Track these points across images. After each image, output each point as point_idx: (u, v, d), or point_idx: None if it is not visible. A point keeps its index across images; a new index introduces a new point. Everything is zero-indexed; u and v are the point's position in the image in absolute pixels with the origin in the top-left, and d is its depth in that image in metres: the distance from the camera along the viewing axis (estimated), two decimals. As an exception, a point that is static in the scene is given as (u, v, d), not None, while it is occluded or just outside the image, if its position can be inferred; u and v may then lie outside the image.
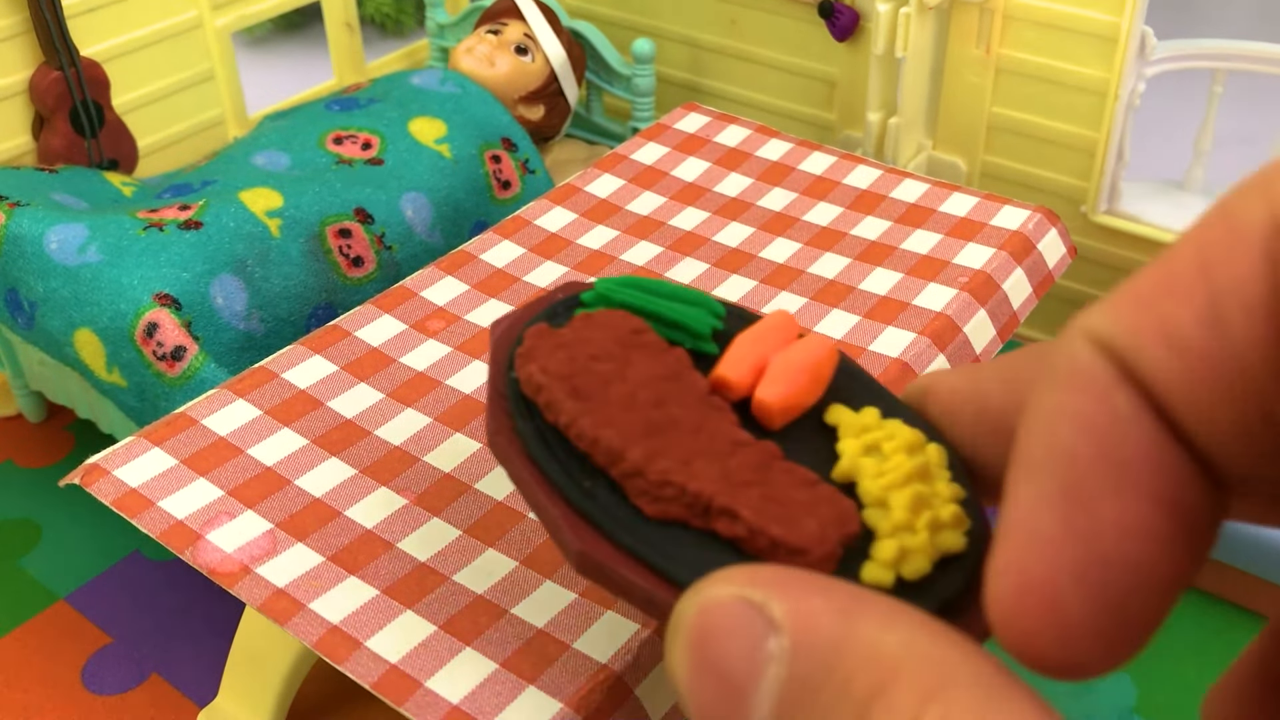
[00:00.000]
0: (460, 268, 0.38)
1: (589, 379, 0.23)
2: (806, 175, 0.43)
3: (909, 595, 0.20)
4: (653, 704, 0.26)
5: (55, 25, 0.47)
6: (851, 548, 0.21)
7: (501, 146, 0.51)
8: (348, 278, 0.45)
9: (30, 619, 0.42)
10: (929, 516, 0.21)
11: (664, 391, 0.24)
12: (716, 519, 0.22)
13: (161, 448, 0.31)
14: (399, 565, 0.28)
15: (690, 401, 0.24)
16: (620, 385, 0.24)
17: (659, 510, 0.22)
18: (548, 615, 0.27)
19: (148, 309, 0.40)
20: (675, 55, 0.60)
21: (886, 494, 0.22)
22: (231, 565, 0.28)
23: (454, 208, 0.49)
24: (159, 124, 0.54)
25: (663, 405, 0.23)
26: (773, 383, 0.24)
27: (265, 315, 0.42)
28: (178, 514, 0.30)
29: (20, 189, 0.44)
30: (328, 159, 0.48)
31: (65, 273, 0.40)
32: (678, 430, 0.23)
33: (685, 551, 0.21)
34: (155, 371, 0.40)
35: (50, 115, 0.49)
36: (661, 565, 0.21)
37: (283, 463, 0.31)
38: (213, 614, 0.41)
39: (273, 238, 0.43)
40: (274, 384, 0.34)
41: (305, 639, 0.26)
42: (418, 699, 0.25)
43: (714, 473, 0.22)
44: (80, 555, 0.44)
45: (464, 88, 0.52)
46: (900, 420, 0.23)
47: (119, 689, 0.39)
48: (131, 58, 0.52)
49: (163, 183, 0.48)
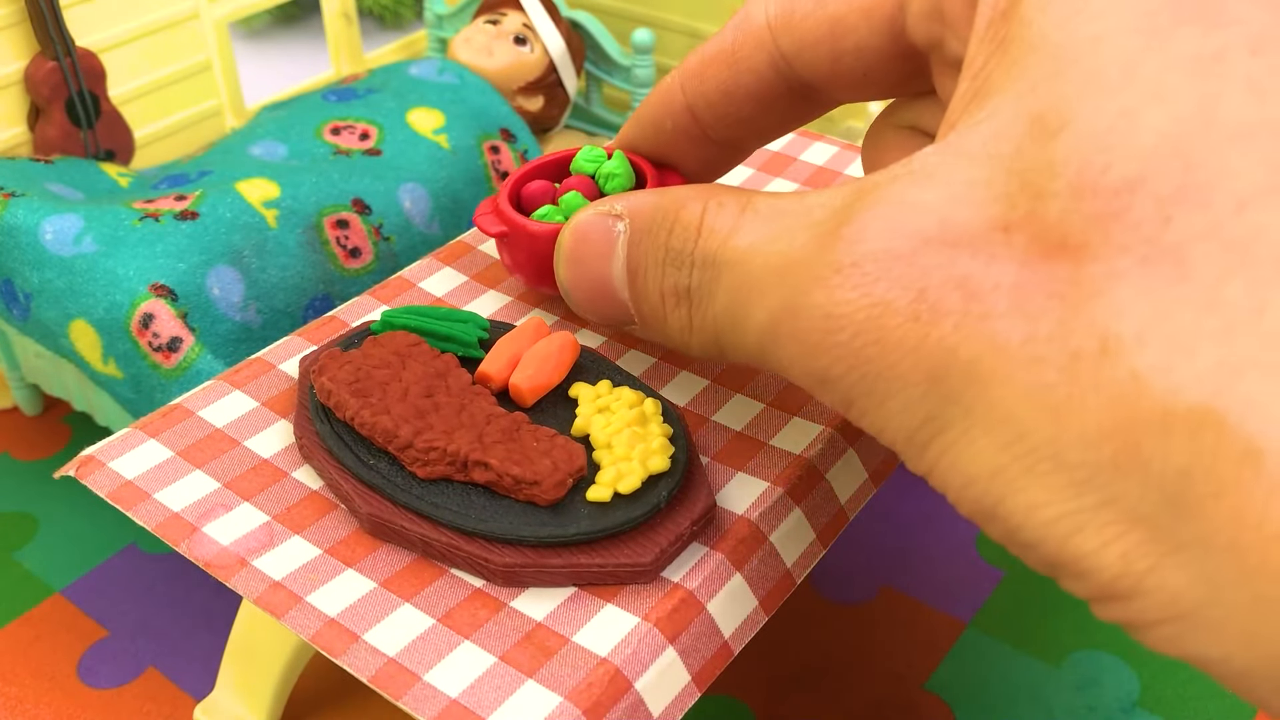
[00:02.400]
0: (459, 258, 0.38)
1: (369, 382, 0.30)
2: (808, 165, 0.43)
3: (626, 506, 0.27)
4: (653, 698, 0.26)
5: (51, 15, 0.47)
6: (585, 480, 0.28)
7: (500, 137, 0.51)
8: (345, 269, 0.45)
9: (25, 612, 0.41)
10: (641, 449, 0.28)
11: (433, 386, 0.30)
12: (473, 470, 0.28)
13: (157, 439, 0.31)
14: (397, 558, 0.28)
15: (456, 391, 0.30)
16: (396, 384, 0.30)
17: (428, 472, 0.28)
18: (547, 608, 0.27)
19: (143, 300, 0.39)
20: (675, 45, 0.60)
21: (610, 438, 0.29)
22: (228, 558, 0.28)
23: (452, 198, 0.48)
24: (156, 115, 0.53)
25: (431, 395, 0.30)
26: (522, 370, 0.31)
27: (262, 306, 0.42)
28: (173, 506, 0.29)
29: (15, 179, 0.43)
30: (325, 149, 0.48)
31: (60, 263, 0.40)
32: (442, 412, 0.29)
33: (450, 500, 0.28)
34: (151, 363, 0.39)
35: (46, 106, 0.48)
36: (431, 512, 0.27)
37: (280, 455, 0.31)
38: (210, 607, 0.41)
39: (270, 228, 0.43)
40: (271, 375, 0.33)
41: (302, 632, 0.26)
42: (416, 692, 0.25)
43: (470, 437, 0.28)
44: (76, 548, 0.44)
45: (462, 78, 0.52)
46: (627, 387, 0.31)
47: (115, 683, 0.39)
48: (128, 48, 0.51)
49: (159, 173, 0.48)
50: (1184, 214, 0.18)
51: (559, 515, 0.27)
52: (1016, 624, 0.40)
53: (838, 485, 0.31)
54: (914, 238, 0.20)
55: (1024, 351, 0.19)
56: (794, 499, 0.30)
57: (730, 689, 0.38)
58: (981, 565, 0.42)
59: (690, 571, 0.28)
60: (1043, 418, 0.19)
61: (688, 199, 0.26)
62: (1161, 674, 0.38)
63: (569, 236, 0.29)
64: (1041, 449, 0.19)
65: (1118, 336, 0.18)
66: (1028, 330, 0.19)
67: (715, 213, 0.25)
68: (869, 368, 0.21)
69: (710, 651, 0.27)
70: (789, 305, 0.22)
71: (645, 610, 0.26)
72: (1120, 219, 0.18)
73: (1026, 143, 0.20)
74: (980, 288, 0.20)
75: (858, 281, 0.21)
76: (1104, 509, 0.18)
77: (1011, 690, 0.38)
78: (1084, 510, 0.18)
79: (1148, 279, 0.18)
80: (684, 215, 0.26)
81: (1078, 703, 0.38)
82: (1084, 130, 0.19)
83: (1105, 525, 0.18)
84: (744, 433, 0.31)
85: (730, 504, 0.29)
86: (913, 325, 0.20)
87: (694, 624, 0.27)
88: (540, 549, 0.27)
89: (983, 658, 0.39)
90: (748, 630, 0.28)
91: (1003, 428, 0.19)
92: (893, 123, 0.30)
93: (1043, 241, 0.19)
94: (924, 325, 0.20)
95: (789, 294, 0.22)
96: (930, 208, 0.20)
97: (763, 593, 0.28)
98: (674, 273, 0.26)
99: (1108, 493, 0.18)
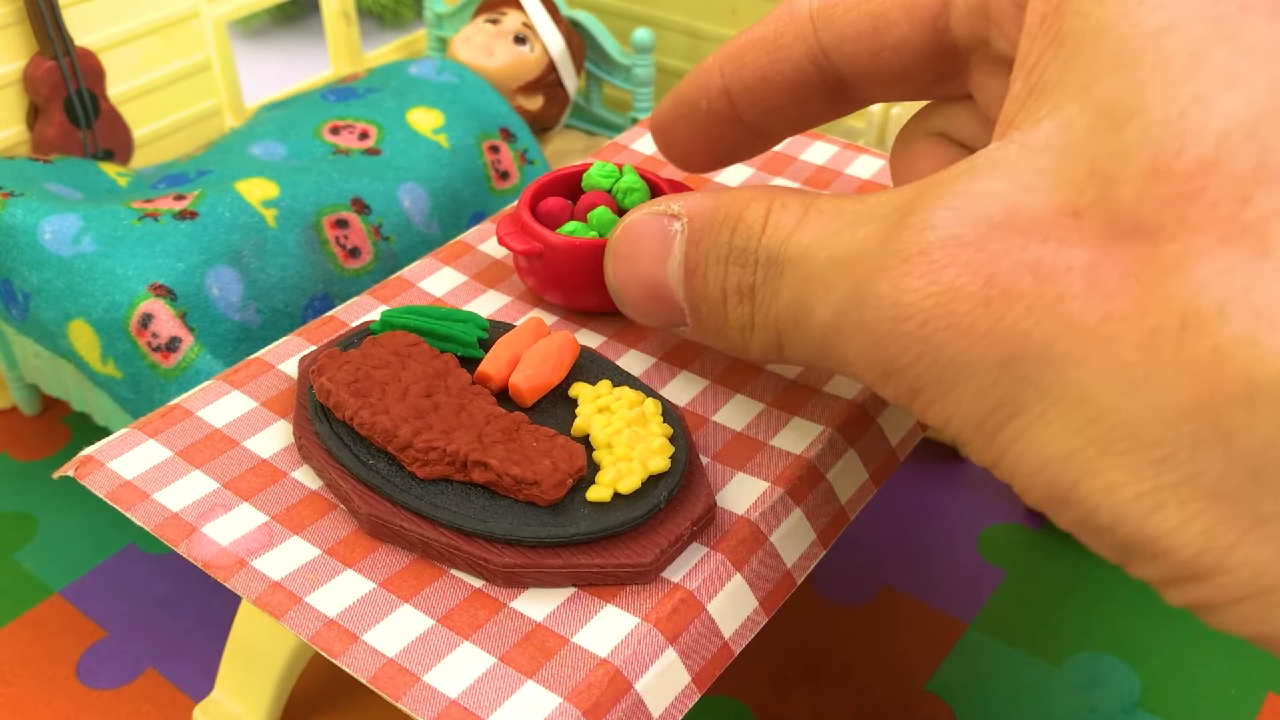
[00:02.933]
0: (458, 258, 0.38)
1: (368, 382, 0.30)
2: (808, 165, 0.43)
3: (626, 505, 0.27)
4: (653, 698, 0.26)
5: (50, 14, 0.47)
6: (585, 480, 0.28)
7: (500, 137, 0.51)
8: (345, 268, 0.45)
9: (24, 613, 0.41)
10: (641, 449, 0.28)
11: (433, 386, 0.30)
12: (473, 470, 0.28)
13: (156, 440, 0.31)
14: (396, 559, 0.28)
15: (455, 391, 0.30)
16: (395, 384, 0.30)
17: (428, 472, 0.28)
18: (547, 609, 0.27)
19: (142, 299, 0.39)
20: (675, 45, 0.60)
21: (610, 438, 0.29)
22: (227, 558, 0.28)
23: (452, 198, 0.48)
24: (155, 114, 0.53)
25: (431, 395, 0.29)
26: (521, 370, 0.31)
27: (261, 306, 0.42)
28: (172, 506, 0.29)
29: (14, 179, 0.43)
30: (325, 149, 0.48)
31: (59, 263, 0.40)
32: (442, 412, 0.29)
33: (449, 500, 0.28)
34: (150, 363, 0.39)
35: (45, 105, 0.48)
36: (430, 513, 0.27)
37: (279, 455, 0.31)
38: (209, 608, 0.41)
39: (269, 228, 0.43)
40: (270, 375, 0.33)
41: (301, 633, 0.26)
42: (415, 693, 0.25)
43: (470, 437, 0.28)
44: (76, 549, 0.44)
45: (462, 77, 0.52)
46: (627, 387, 0.31)
47: (114, 683, 0.39)
48: (127, 48, 0.51)
49: (158, 173, 0.48)
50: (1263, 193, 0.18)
51: (559, 515, 0.27)
52: (1018, 624, 0.40)
53: (838, 485, 0.31)
54: (981, 224, 0.20)
55: (1101, 331, 0.19)
56: (794, 499, 0.30)
57: (731, 689, 0.38)
58: (983, 565, 0.42)
59: (690, 572, 0.27)
60: (1121, 397, 0.19)
61: (752, 199, 0.26)
62: (1162, 675, 0.38)
63: (621, 237, 0.29)
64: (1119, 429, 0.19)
65: (1198, 312, 0.18)
66: (1104, 309, 0.19)
67: (779, 212, 0.25)
68: (939, 354, 0.21)
69: (710, 652, 0.27)
70: (855, 297, 0.22)
71: (645, 611, 0.26)
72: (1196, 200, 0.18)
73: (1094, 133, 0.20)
74: (1053, 270, 0.19)
75: (925, 269, 0.21)
76: (1184, 485, 0.18)
77: (1012, 691, 0.38)
78: (1163, 488, 0.18)
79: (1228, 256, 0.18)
80: (748, 214, 0.26)
81: (1079, 703, 0.38)
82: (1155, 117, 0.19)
83: (1186, 502, 0.18)
84: (744, 433, 0.31)
85: (730, 504, 0.29)
86: (984, 310, 0.20)
87: (694, 624, 0.27)
88: (540, 549, 0.27)
89: (984, 658, 0.39)
90: (748, 631, 0.28)
91: (1079, 409, 0.19)
92: (923, 129, 0.30)
93: (1115, 225, 0.19)
94: (996, 309, 0.20)
95: (854, 286, 0.22)
96: (997, 196, 0.21)
97: (763, 593, 0.28)
98: (737, 270, 0.26)
99: (1188, 469, 0.18)
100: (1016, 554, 0.43)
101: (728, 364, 0.33)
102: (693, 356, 0.34)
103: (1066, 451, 0.19)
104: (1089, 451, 0.19)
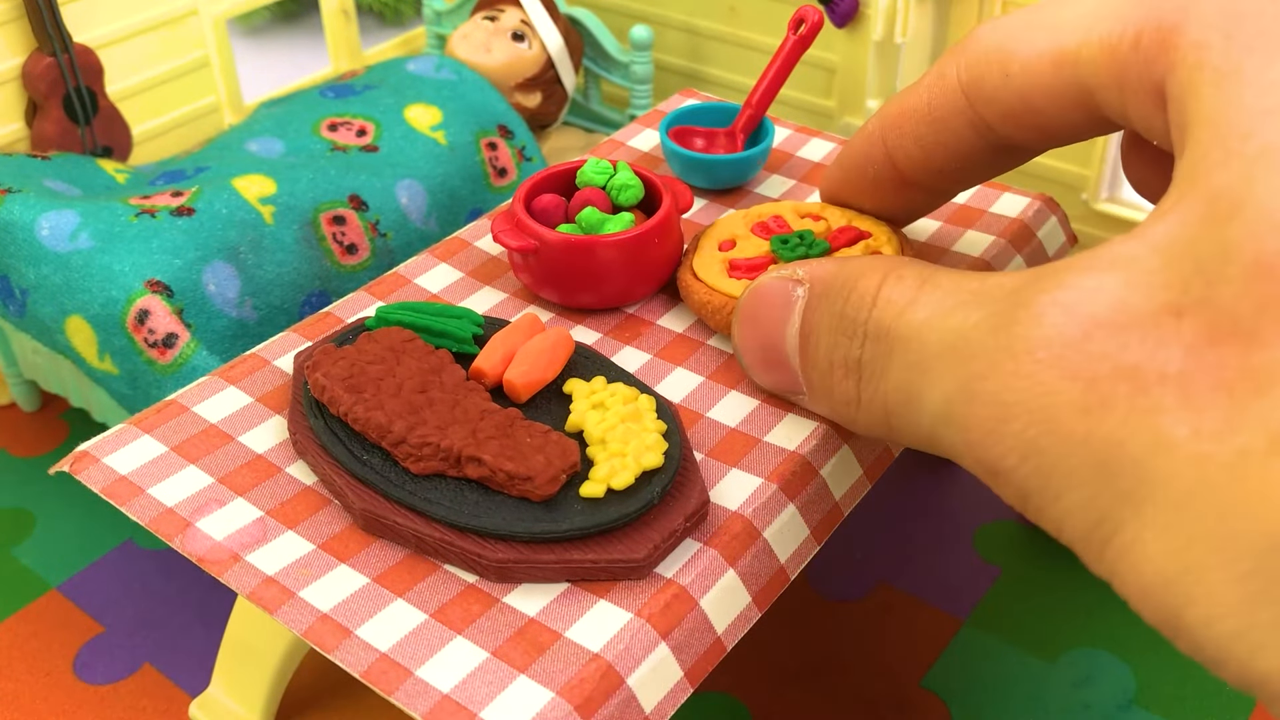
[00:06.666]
0: (455, 255, 0.38)
1: (363, 377, 0.30)
2: (805, 162, 0.43)
3: (620, 501, 0.27)
4: (645, 693, 0.26)
5: (48, 11, 0.47)
6: (579, 475, 0.28)
7: (498, 134, 0.51)
8: (341, 265, 0.45)
9: (22, 608, 0.41)
10: (635, 445, 0.28)
11: (427, 381, 0.30)
12: (467, 465, 0.28)
13: (152, 435, 0.31)
14: (390, 554, 0.28)
15: (449, 386, 0.30)
16: (390, 380, 0.30)
17: (422, 467, 0.28)
18: (540, 604, 0.27)
19: (139, 296, 0.39)
20: (673, 42, 0.60)
21: (604, 434, 0.29)
22: (221, 553, 0.28)
23: (449, 195, 0.48)
24: (153, 111, 0.53)
25: (425, 391, 0.29)
26: (516, 366, 0.31)
27: (258, 302, 0.42)
28: (167, 501, 0.29)
29: (12, 175, 0.43)
30: (322, 146, 0.48)
31: (57, 259, 0.40)
32: (436, 407, 0.29)
33: (443, 495, 0.28)
34: (147, 359, 0.39)
35: (43, 102, 0.48)
36: (424, 508, 0.27)
37: (274, 450, 0.31)
38: (205, 603, 0.41)
39: (266, 224, 0.43)
40: (266, 371, 0.33)
41: (295, 627, 0.26)
42: (408, 688, 0.25)
43: (464, 433, 0.28)
44: (73, 544, 0.44)
45: (460, 74, 0.52)
46: (621, 383, 0.31)
47: (111, 679, 0.39)
48: (126, 44, 0.51)
49: (156, 170, 0.48)
50: None
51: (552, 511, 0.27)
52: (1013, 621, 0.40)
53: (832, 481, 0.31)
54: (1086, 321, 0.20)
55: (1189, 449, 0.18)
56: (788, 495, 0.30)
57: (727, 686, 0.38)
58: (978, 562, 0.42)
59: (683, 567, 0.27)
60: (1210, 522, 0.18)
61: (869, 269, 0.25)
62: (1157, 672, 0.38)
63: (748, 299, 0.29)
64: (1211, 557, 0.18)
65: None
66: (1194, 425, 0.18)
67: (894, 285, 0.25)
68: (1041, 459, 0.20)
69: (703, 648, 0.27)
70: (964, 389, 0.22)
71: (638, 606, 0.26)
72: None
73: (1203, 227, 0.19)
74: (1147, 379, 0.19)
75: (1030, 369, 0.20)
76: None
77: (1008, 687, 0.38)
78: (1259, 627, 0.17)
79: None
80: (862, 284, 0.25)
81: (1074, 700, 0.38)
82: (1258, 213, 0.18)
83: None
84: (738, 429, 0.31)
85: (724, 500, 0.29)
86: (1082, 418, 0.19)
87: (686, 620, 0.27)
88: (533, 545, 0.27)
89: (979, 655, 0.39)
90: (741, 626, 0.28)
91: (1171, 532, 0.18)
92: None
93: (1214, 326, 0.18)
94: (1093, 418, 0.19)
95: (964, 377, 0.22)
96: (1106, 291, 0.20)
97: (756, 589, 0.28)
98: (845, 342, 0.26)
99: None
100: (1012, 551, 0.43)
101: (721, 361, 0.33)
102: (687, 354, 0.34)
103: (1165, 578, 0.18)
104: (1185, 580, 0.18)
